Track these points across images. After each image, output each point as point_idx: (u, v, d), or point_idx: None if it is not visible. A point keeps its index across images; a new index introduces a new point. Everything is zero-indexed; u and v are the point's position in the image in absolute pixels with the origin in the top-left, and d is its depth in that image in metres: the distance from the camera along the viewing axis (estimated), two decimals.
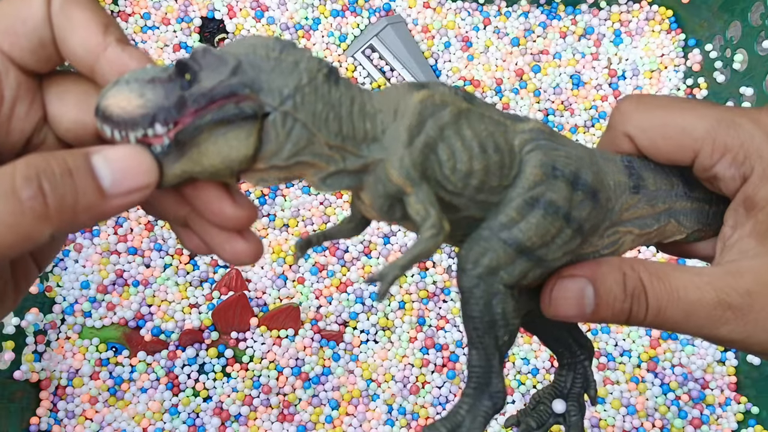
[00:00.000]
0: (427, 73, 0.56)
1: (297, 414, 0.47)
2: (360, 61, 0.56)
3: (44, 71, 0.19)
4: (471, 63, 0.58)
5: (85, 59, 0.18)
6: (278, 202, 0.52)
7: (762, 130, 0.20)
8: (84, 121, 0.19)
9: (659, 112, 0.21)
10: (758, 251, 0.20)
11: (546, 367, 0.50)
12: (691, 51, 0.58)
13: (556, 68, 0.58)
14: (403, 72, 0.56)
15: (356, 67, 0.56)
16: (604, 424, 0.48)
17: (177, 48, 0.56)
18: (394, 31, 0.56)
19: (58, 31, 0.18)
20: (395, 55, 0.56)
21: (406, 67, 0.56)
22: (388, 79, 0.56)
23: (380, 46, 0.56)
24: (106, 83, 0.18)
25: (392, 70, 0.56)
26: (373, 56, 0.56)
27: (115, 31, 0.19)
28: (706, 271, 0.20)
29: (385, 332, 0.50)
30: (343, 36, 0.57)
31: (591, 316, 0.20)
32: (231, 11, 0.57)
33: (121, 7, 0.57)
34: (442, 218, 0.18)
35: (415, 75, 0.55)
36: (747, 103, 0.52)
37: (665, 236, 0.24)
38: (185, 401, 0.47)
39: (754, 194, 0.20)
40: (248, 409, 0.47)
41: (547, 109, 0.57)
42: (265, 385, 0.48)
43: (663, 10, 0.59)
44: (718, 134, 0.20)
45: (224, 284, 0.50)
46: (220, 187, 0.19)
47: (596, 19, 0.59)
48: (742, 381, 0.50)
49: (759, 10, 0.50)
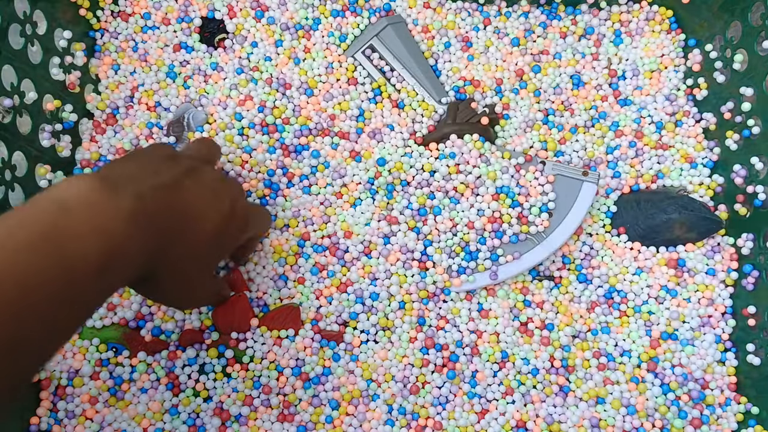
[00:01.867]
0: (427, 73, 0.56)
1: (297, 414, 0.47)
2: (360, 62, 0.56)
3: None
4: (471, 63, 0.58)
5: None
6: (279, 202, 0.52)
7: None
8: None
9: None
10: None
11: (546, 367, 0.50)
12: (691, 51, 0.58)
13: (556, 68, 0.58)
14: (403, 72, 0.56)
15: (356, 67, 0.56)
16: (604, 424, 0.48)
17: (177, 48, 0.56)
18: (395, 31, 0.56)
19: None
20: (395, 55, 0.56)
21: (406, 67, 0.56)
22: (387, 79, 0.56)
23: (380, 46, 0.56)
24: None
25: (392, 70, 0.56)
26: (373, 56, 0.56)
27: None
28: None
29: (385, 332, 0.50)
30: (343, 36, 0.57)
31: None
32: (231, 11, 0.57)
33: (121, 7, 0.57)
34: None
35: (415, 75, 0.55)
36: (747, 103, 0.52)
37: None
38: (185, 401, 0.47)
39: None
40: (248, 409, 0.47)
41: (547, 109, 0.57)
42: (266, 385, 0.48)
43: (663, 10, 0.59)
44: None
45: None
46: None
47: (596, 19, 0.59)
48: (742, 381, 0.50)
49: (759, 10, 0.50)
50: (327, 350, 0.49)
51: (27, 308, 0.28)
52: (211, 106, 0.54)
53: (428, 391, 0.48)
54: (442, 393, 0.49)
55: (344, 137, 0.54)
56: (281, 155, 0.53)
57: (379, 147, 0.53)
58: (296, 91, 0.55)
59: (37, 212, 0.31)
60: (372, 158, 0.53)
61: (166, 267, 0.37)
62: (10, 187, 0.46)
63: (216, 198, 0.40)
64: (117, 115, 0.54)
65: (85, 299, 0.31)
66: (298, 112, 0.54)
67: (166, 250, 0.36)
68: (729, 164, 0.53)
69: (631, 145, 0.55)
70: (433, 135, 0.54)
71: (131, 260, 0.33)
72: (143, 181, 0.36)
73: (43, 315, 0.29)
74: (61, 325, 0.30)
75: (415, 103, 0.55)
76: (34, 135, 0.49)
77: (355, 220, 0.52)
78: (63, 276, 0.29)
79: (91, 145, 0.53)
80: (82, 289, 0.30)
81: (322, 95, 0.55)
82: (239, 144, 0.52)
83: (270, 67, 0.56)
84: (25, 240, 0.29)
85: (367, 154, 0.53)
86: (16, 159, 0.47)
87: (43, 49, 0.50)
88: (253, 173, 0.52)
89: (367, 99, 0.55)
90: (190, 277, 0.40)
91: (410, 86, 0.55)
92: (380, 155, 0.53)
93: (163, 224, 0.35)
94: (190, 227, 0.38)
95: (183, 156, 0.42)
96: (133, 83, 0.55)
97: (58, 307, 0.29)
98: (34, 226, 0.30)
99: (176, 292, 0.41)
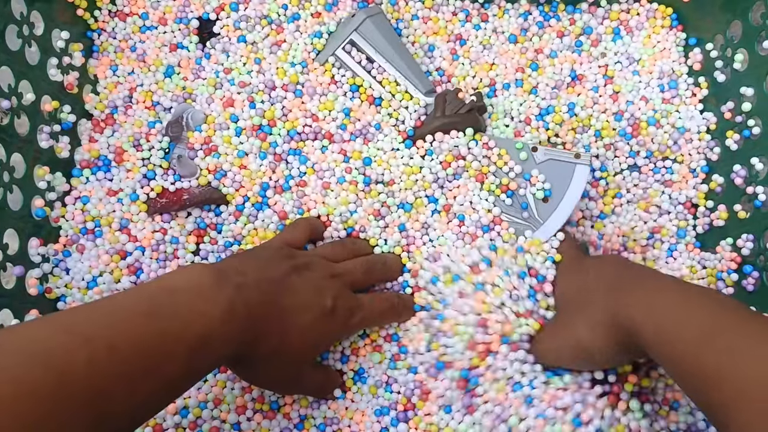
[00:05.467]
0: (412, 65, 0.54)
1: (298, 415, 0.48)
2: (342, 59, 0.54)
3: None
4: (466, 60, 0.57)
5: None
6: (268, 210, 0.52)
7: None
8: None
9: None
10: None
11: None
12: (692, 50, 0.58)
13: (553, 66, 0.58)
14: (386, 65, 0.53)
15: (340, 66, 0.54)
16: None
17: (173, 48, 0.56)
18: (374, 24, 0.53)
19: None
20: (377, 48, 0.53)
21: (389, 60, 0.53)
22: (373, 77, 0.54)
23: (361, 41, 0.53)
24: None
25: (371, 62, 0.54)
26: (353, 52, 0.54)
27: None
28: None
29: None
30: (318, 33, 0.55)
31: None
32: (219, 12, 0.56)
33: (119, 7, 0.57)
34: None
35: (399, 68, 0.53)
36: (747, 103, 0.52)
37: None
38: (185, 403, 0.47)
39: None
40: (247, 409, 0.47)
41: (540, 106, 0.57)
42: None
43: (663, 9, 0.59)
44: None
45: None
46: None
47: (595, 17, 0.59)
48: None
49: (760, 10, 0.50)
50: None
51: (119, 376, 0.30)
52: (206, 106, 0.54)
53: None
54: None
55: (330, 138, 0.53)
56: (272, 160, 0.52)
57: (367, 147, 0.53)
58: (281, 90, 0.54)
59: (148, 291, 0.34)
60: (360, 159, 0.52)
61: (262, 355, 0.40)
62: (9, 188, 0.46)
63: (318, 294, 0.42)
64: (115, 115, 0.54)
65: (174, 377, 0.33)
66: (285, 116, 0.53)
67: (261, 339, 0.38)
68: (729, 164, 0.53)
69: (627, 138, 0.55)
70: (422, 130, 0.52)
71: (224, 344, 0.35)
72: (250, 273, 0.39)
73: (132, 385, 0.30)
74: (145, 399, 0.31)
75: (399, 95, 0.53)
76: (33, 136, 0.49)
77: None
78: (157, 349, 0.31)
79: (90, 146, 0.53)
80: (173, 368, 0.32)
81: (308, 94, 0.54)
82: (236, 145, 0.52)
83: (244, 68, 0.55)
84: (129, 310, 0.32)
85: (357, 154, 0.52)
86: (15, 160, 0.47)
87: (41, 50, 0.50)
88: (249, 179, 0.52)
89: (349, 98, 0.54)
90: (284, 367, 0.42)
91: (393, 79, 0.53)
92: (367, 155, 0.52)
93: (260, 315, 0.38)
94: (288, 320, 0.40)
95: (301, 254, 0.44)
96: (132, 83, 0.55)
97: (147, 380, 0.31)
98: (140, 304, 0.32)
99: (271, 378, 0.43)
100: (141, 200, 0.51)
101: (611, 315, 0.38)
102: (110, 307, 0.32)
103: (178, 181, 0.52)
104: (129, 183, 0.52)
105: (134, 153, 0.53)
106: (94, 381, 0.28)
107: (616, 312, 0.37)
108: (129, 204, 0.51)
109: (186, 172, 0.52)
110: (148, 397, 0.32)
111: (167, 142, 0.53)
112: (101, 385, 0.29)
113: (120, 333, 0.30)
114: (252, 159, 0.52)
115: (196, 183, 0.52)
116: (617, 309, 0.38)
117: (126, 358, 0.30)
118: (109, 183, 0.52)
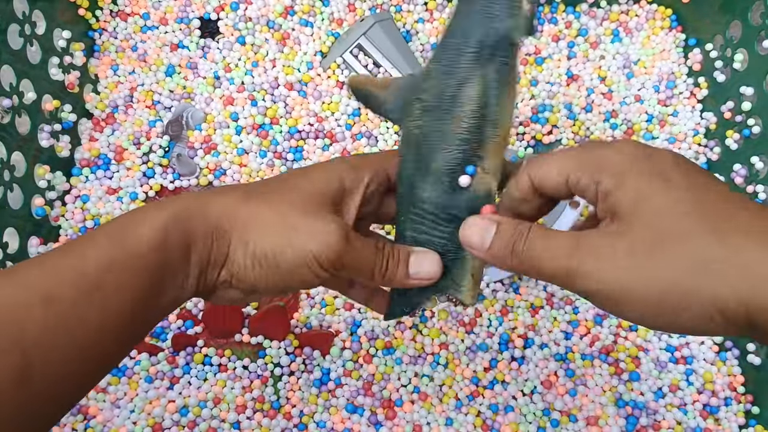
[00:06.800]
0: (416, 69, 0.54)
1: (297, 415, 0.47)
2: (348, 62, 0.55)
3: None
4: None
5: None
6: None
7: (616, 150, 0.26)
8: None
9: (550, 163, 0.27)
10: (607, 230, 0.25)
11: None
12: (692, 50, 0.58)
13: (551, 66, 0.58)
14: (392, 71, 0.54)
15: (345, 68, 0.55)
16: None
17: (174, 47, 0.56)
18: (382, 29, 0.54)
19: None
20: (384, 53, 0.54)
21: (395, 65, 0.54)
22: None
23: (368, 45, 0.54)
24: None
25: (378, 66, 0.55)
26: (360, 56, 0.55)
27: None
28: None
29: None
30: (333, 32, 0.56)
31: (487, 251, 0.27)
32: (220, 12, 0.57)
33: (121, 7, 0.57)
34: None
35: (405, 72, 0.54)
36: (747, 103, 0.52)
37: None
38: (185, 402, 0.47)
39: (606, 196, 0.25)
40: (247, 408, 0.47)
41: (536, 107, 0.57)
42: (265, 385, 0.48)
43: (663, 9, 0.59)
44: (581, 160, 0.27)
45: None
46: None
47: (595, 17, 0.59)
48: (742, 381, 0.49)
49: (759, 10, 0.50)
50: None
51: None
52: (205, 105, 0.54)
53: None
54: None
55: (333, 138, 0.53)
56: (272, 158, 0.53)
57: (370, 149, 0.53)
58: (283, 89, 0.54)
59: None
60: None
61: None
62: (9, 187, 0.46)
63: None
64: (116, 114, 0.54)
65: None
66: (288, 114, 0.54)
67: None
68: (729, 164, 0.53)
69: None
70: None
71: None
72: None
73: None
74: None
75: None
76: (33, 135, 0.49)
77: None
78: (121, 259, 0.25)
79: (90, 145, 0.53)
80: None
81: (312, 95, 0.54)
82: (236, 144, 0.52)
83: (249, 67, 0.55)
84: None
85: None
86: (15, 159, 0.47)
87: (42, 49, 0.50)
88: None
89: (354, 101, 0.54)
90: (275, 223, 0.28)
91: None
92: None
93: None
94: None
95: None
96: (133, 83, 0.55)
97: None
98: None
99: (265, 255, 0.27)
100: (140, 199, 0.51)
101: (737, 300, 0.22)
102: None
103: (178, 180, 0.52)
104: (129, 182, 0.52)
105: (134, 151, 0.53)
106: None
107: (750, 297, 0.22)
108: (129, 202, 0.51)
109: (186, 170, 0.52)
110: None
111: (167, 141, 0.53)
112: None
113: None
114: (252, 157, 0.52)
115: (196, 182, 0.52)
116: (752, 291, 0.22)
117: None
118: (108, 182, 0.52)
